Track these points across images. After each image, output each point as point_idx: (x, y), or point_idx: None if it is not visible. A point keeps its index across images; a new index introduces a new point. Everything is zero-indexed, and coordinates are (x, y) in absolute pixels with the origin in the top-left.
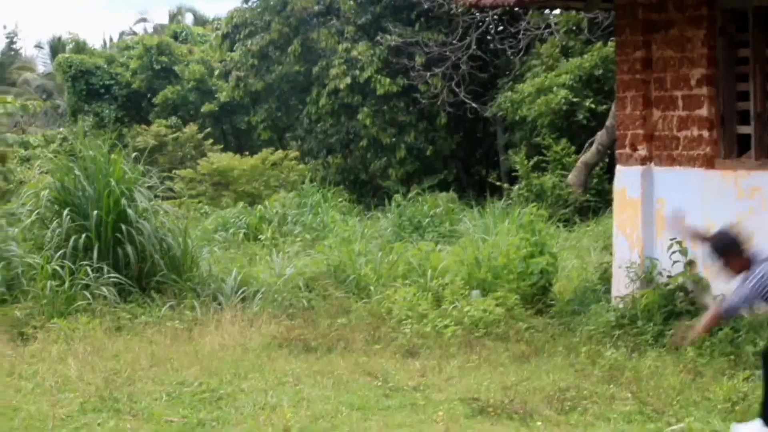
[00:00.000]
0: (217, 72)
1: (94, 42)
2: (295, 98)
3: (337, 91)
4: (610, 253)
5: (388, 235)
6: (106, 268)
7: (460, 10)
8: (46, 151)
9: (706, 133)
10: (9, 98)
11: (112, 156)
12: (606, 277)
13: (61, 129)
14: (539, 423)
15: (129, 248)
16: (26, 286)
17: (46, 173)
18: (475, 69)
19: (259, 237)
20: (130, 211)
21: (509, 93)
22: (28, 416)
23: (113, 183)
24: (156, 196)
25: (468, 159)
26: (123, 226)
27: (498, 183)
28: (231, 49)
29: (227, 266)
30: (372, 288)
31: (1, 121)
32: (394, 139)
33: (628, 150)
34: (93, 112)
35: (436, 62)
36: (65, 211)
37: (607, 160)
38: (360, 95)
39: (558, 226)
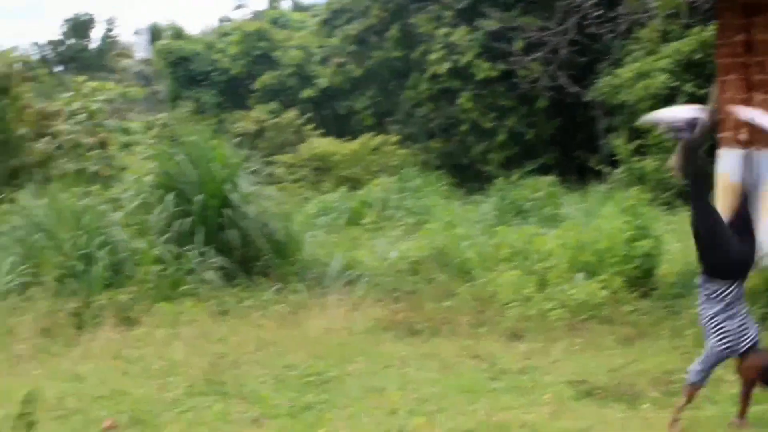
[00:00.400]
0: (316, 58)
1: (192, 28)
2: (394, 83)
3: (436, 76)
4: None
5: (490, 219)
6: (210, 252)
7: None
8: (146, 137)
9: None
10: (109, 84)
11: (215, 141)
12: None
13: (161, 115)
14: (646, 405)
15: (233, 232)
16: (131, 270)
17: (149, 159)
18: (575, 53)
19: (360, 221)
20: (233, 195)
21: (609, 77)
22: (135, 400)
23: (216, 168)
24: (258, 182)
25: (568, 143)
26: (227, 211)
27: (598, 167)
28: (330, 35)
29: (331, 250)
30: (476, 271)
31: (101, 107)
32: (494, 124)
33: (729, 134)
34: (192, 98)
35: (535, 47)
36: (169, 196)
37: (709, 144)
38: (460, 80)
39: (660, 210)
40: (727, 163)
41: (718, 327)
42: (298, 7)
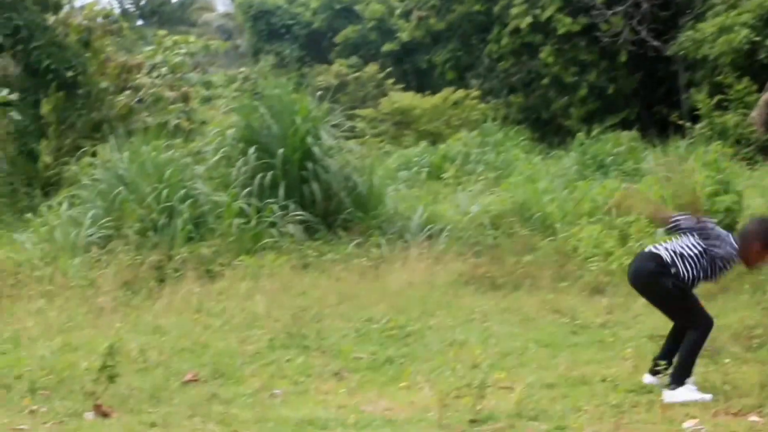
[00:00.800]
0: (397, 11)
1: None
2: (475, 38)
3: (518, 30)
4: None
5: (571, 174)
6: (292, 206)
7: None
8: (228, 91)
9: None
10: (191, 38)
11: (297, 95)
12: None
13: (242, 69)
14: (727, 360)
15: (315, 186)
16: (213, 224)
17: (230, 112)
18: (657, 7)
19: (441, 176)
20: (315, 149)
21: (690, 32)
22: (216, 353)
23: (299, 121)
24: (339, 136)
25: (649, 98)
26: (309, 164)
27: (680, 122)
28: None
29: (412, 204)
30: (557, 226)
31: (183, 60)
32: (575, 78)
33: None
34: (274, 51)
35: (617, 1)
36: (251, 150)
37: None
38: (541, 34)
39: (741, 165)
40: None
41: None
42: None
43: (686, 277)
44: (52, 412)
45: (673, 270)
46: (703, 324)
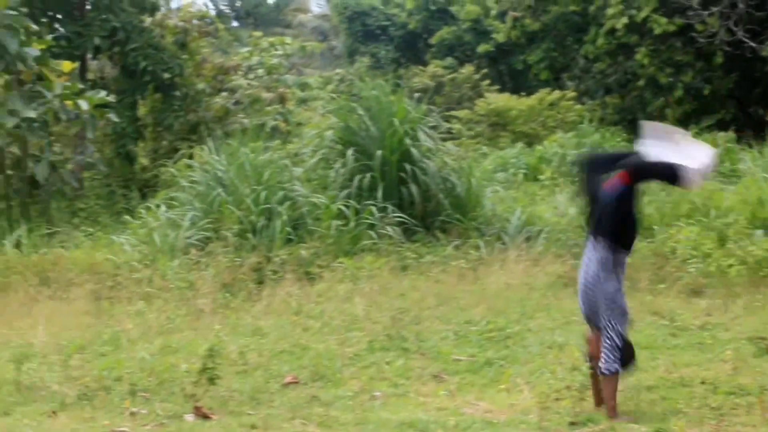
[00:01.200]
0: (493, 12)
1: None
2: (571, 38)
3: (613, 30)
4: None
5: None
6: (390, 208)
7: None
8: (324, 93)
9: None
10: (287, 40)
11: (395, 96)
12: None
13: (338, 70)
14: None
15: (413, 188)
16: (311, 225)
17: (328, 114)
18: (753, 8)
19: (538, 177)
20: (414, 150)
21: None
22: (316, 355)
23: (397, 123)
24: (437, 137)
25: (745, 99)
26: (407, 166)
27: None
28: None
29: (510, 206)
30: (655, 227)
31: (280, 62)
32: (671, 79)
33: None
34: (369, 53)
35: (713, 1)
36: (349, 151)
37: None
38: (637, 35)
39: None
40: None
41: (619, 300)
42: None
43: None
44: (152, 414)
45: None
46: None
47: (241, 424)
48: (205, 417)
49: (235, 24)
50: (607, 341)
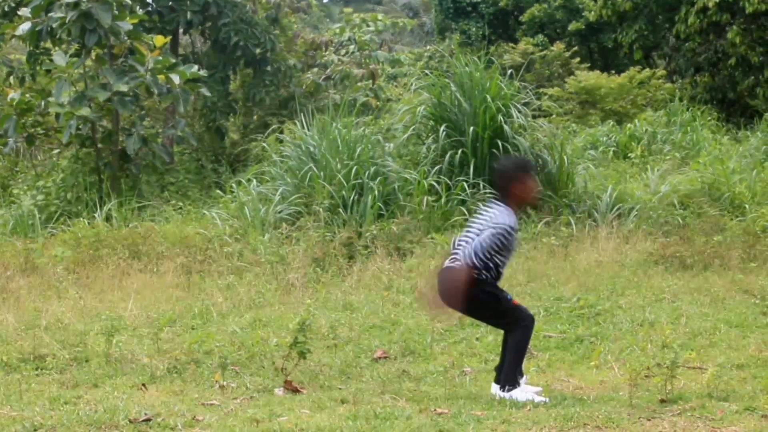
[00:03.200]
0: None
1: None
2: (662, 17)
3: (705, 9)
4: None
5: (759, 154)
6: (482, 184)
7: None
8: (414, 69)
9: None
10: (379, 16)
11: (488, 72)
12: None
13: (428, 47)
14: None
15: None
16: (403, 201)
17: (420, 90)
18: None
19: (628, 155)
20: (506, 127)
21: None
22: (407, 330)
23: (489, 99)
24: (528, 114)
25: None
26: (499, 142)
27: None
28: None
29: (601, 183)
30: (747, 206)
31: (371, 38)
32: (762, 58)
33: None
34: (459, 29)
35: None
36: (441, 127)
37: None
38: (728, 13)
39: None
40: None
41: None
42: None
43: (489, 276)
44: (242, 388)
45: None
46: (525, 324)
47: (331, 398)
48: (295, 391)
49: (326, 0)
50: None
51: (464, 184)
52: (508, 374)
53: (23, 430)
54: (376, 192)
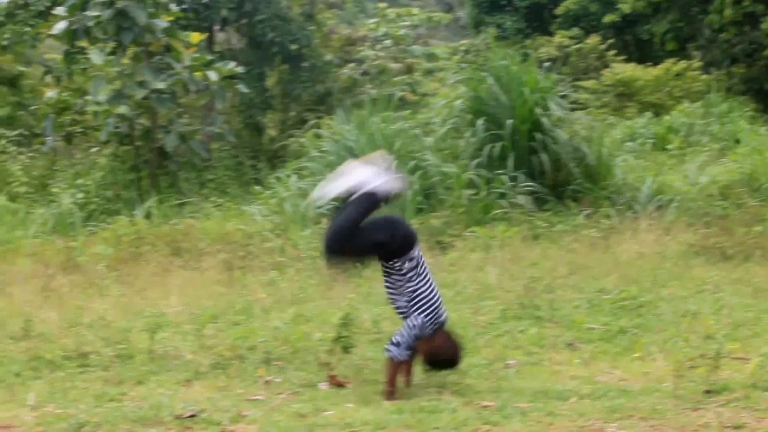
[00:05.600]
0: None
1: None
2: (696, 8)
3: (739, 0)
4: None
5: None
6: (521, 177)
7: None
8: (450, 63)
9: None
10: (414, 11)
11: (525, 65)
12: None
13: (463, 41)
14: None
15: (544, 157)
16: (442, 195)
17: (457, 84)
18: None
19: (666, 147)
20: (544, 119)
21: None
22: (450, 323)
23: (527, 92)
24: (566, 106)
25: None
26: (538, 135)
27: None
28: None
29: (640, 175)
30: None
31: (407, 33)
32: None
33: None
34: (494, 23)
35: None
36: (479, 121)
37: None
38: (763, 4)
39: None
40: None
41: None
42: None
43: None
44: (286, 383)
45: None
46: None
47: (375, 392)
48: (340, 385)
49: None
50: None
51: (504, 177)
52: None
53: (69, 427)
54: (416, 186)
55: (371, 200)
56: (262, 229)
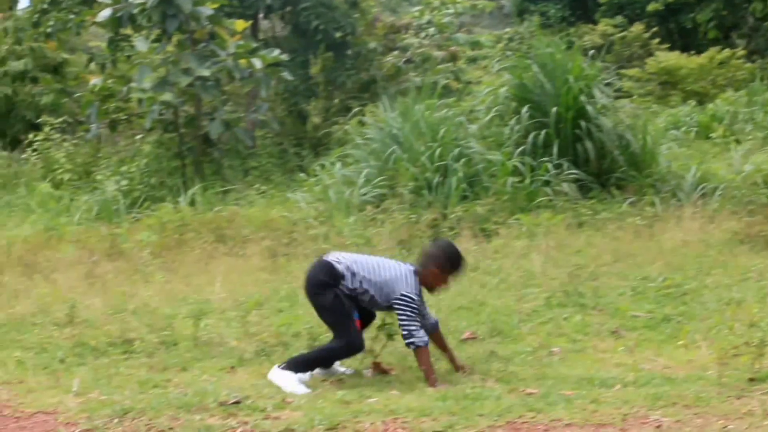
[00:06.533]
0: None
1: None
2: None
3: None
4: None
5: None
6: (565, 165)
7: None
8: (494, 51)
9: None
10: None
11: (569, 53)
12: None
13: (507, 29)
14: None
15: (588, 144)
16: (487, 182)
17: (501, 71)
18: None
19: (709, 135)
20: (589, 107)
21: None
22: (494, 310)
23: (572, 80)
24: (611, 94)
25: None
26: (582, 123)
27: None
28: None
29: (684, 163)
30: None
31: (451, 21)
32: None
33: None
34: (538, 11)
35: None
36: (524, 108)
37: None
38: None
39: None
40: None
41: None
42: None
43: (353, 294)
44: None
45: (342, 282)
46: (348, 343)
47: (419, 379)
48: (384, 372)
49: None
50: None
51: (548, 164)
52: (299, 361)
53: (113, 413)
54: (461, 173)
55: None
56: (306, 216)
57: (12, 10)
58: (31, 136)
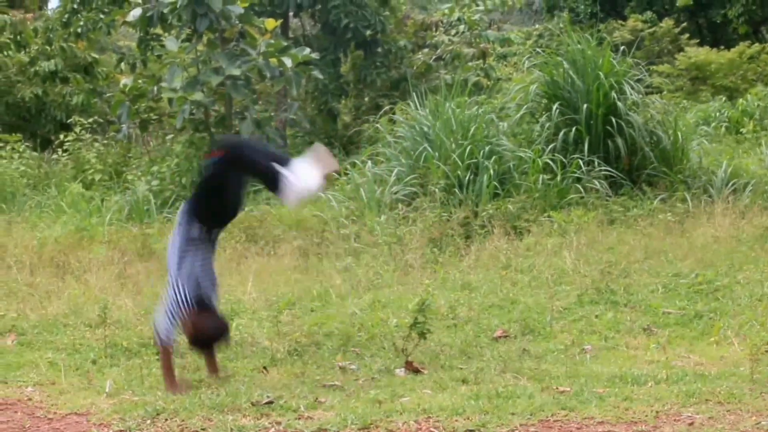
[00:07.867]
0: None
1: None
2: None
3: None
4: None
5: None
6: (596, 162)
7: None
8: (524, 48)
9: None
10: None
11: (600, 50)
12: None
13: (537, 26)
14: None
15: (619, 141)
16: (518, 180)
17: (531, 68)
18: None
19: (740, 131)
20: (620, 104)
21: None
22: (525, 308)
23: (602, 76)
24: (641, 91)
25: None
26: (613, 119)
27: None
28: None
29: (715, 159)
30: None
31: (481, 18)
32: None
33: None
34: (568, 7)
35: None
36: (554, 105)
37: None
38: None
39: None
40: None
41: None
42: None
43: None
44: (363, 369)
45: None
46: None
47: (452, 377)
48: (416, 371)
49: None
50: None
51: (579, 161)
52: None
53: (146, 414)
54: (492, 171)
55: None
56: (338, 215)
57: (42, 10)
58: (61, 136)
